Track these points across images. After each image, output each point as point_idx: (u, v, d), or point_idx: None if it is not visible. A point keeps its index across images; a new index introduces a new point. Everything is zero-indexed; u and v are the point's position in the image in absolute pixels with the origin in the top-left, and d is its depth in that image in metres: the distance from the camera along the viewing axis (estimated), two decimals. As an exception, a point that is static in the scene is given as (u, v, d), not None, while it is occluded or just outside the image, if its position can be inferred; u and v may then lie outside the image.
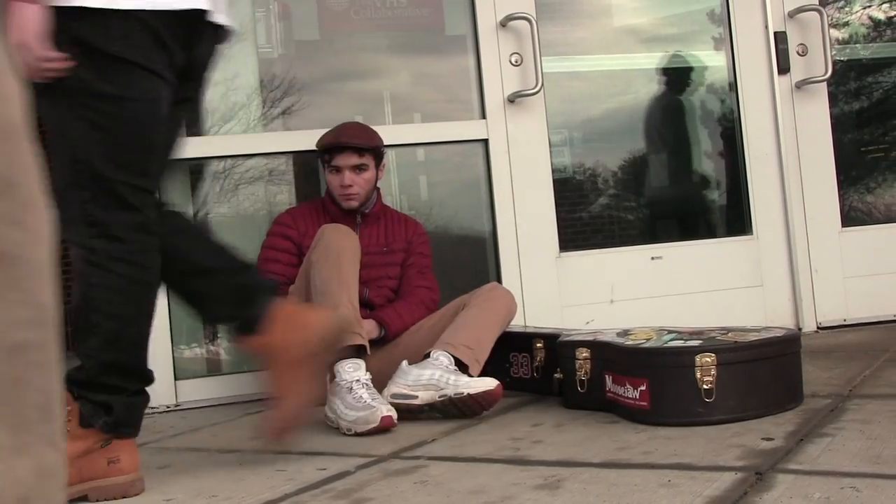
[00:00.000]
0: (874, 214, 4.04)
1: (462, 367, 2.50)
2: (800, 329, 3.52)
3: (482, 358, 2.58)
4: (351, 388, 2.36)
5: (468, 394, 2.37)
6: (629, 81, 3.90)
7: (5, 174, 0.78)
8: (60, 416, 0.82)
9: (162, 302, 3.08)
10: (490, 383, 2.39)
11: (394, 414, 2.30)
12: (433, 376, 2.41)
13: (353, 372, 2.41)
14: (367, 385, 2.38)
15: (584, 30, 3.82)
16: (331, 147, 2.87)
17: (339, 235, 2.62)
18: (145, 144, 1.89)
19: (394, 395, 2.41)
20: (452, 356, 2.50)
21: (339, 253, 2.57)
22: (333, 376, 2.42)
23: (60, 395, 0.82)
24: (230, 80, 3.37)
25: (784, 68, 3.61)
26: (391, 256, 2.94)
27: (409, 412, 2.40)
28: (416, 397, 2.41)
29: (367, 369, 2.45)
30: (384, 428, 2.27)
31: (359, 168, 2.86)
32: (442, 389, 2.39)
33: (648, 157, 3.93)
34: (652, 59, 3.88)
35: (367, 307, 2.86)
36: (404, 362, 2.50)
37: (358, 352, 2.48)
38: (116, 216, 1.86)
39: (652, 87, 3.88)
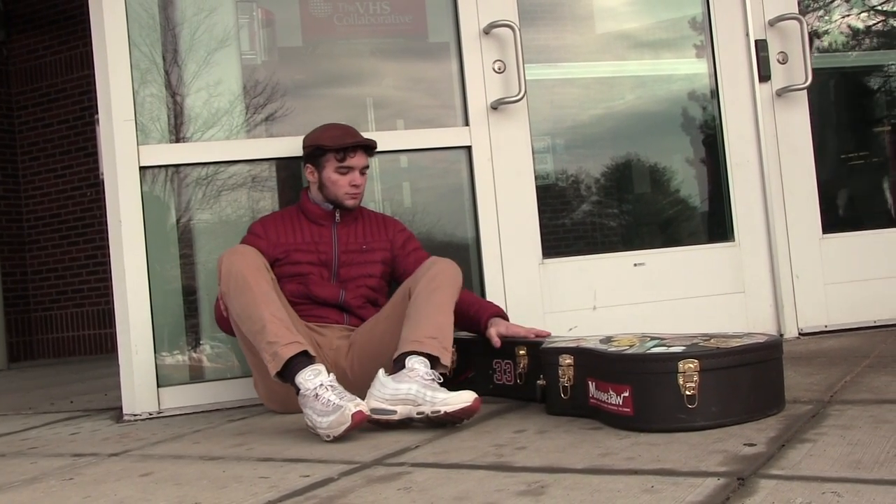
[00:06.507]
0: (854, 221, 4.07)
1: (433, 360, 2.49)
2: (781, 335, 3.54)
3: (448, 343, 2.56)
4: (317, 395, 2.36)
5: (445, 412, 2.35)
6: (611, 88, 3.91)
7: None
8: None
9: (145, 310, 3.10)
10: (467, 398, 2.36)
11: (364, 407, 2.30)
12: (410, 391, 2.39)
13: (314, 378, 2.41)
14: (331, 387, 2.38)
15: (567, 37, 3.83)
16: (346, 146, 2.88)
17: (235, 258, 2.63)
18: None
19: (373, 410, 2.39)
20: (423, 354, 2.48)
21: (242, 275, 2.58)
22: (298, 390, 2.43)
23: None
24: (213, 86, 3.36)
25: (765, 76, 3.64)
26: (370, 255, 2.94)
27: (388, 426, 2.41)
28: (395, 412, 2.40)
29: (330, 371, 2.46)
30: (357, 424, 2.27)
31: (365, 168, 2.93)
32: (419, 406, 2.37)
33: (631, 164, 3.94)
34: (633, 67, 3.89)
35: (344, 310, 2.85)
36: (381, 371, 2.47)
37: (310, 358, 2.48)
38: None
39: (633, 94, 3.90)
